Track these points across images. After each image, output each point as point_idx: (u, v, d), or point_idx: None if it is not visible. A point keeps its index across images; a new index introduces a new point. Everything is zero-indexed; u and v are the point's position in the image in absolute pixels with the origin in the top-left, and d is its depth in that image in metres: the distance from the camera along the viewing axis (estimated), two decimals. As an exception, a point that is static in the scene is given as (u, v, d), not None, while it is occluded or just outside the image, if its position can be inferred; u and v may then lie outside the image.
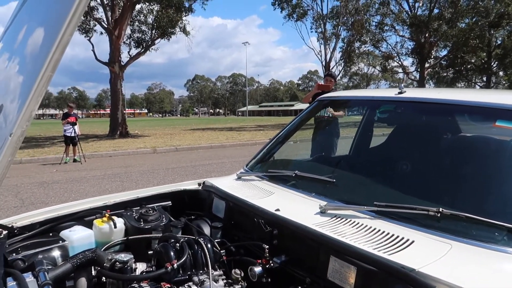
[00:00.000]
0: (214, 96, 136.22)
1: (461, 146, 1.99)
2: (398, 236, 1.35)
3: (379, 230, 1.42)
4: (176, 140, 19.60)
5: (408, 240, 1.32)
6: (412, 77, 32.50)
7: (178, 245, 1.63)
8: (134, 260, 1.59)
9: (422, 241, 1.31)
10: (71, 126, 11.78)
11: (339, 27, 30.96)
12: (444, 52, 31.76)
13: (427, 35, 27.61)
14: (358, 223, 1.50)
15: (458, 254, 1.22)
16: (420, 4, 29.30)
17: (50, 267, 1.48)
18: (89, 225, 1.87)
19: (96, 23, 21.75)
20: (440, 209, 1.38)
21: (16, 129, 0.82)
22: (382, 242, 1.33)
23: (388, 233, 1.38)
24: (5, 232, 1.68)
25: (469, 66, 31.83)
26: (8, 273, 1.33)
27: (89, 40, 22.19)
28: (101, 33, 22.13)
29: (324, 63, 31.52)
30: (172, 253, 1.56)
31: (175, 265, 1.48)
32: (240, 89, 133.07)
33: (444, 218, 1.38)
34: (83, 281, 1.49)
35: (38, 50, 0.84)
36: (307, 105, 4.50)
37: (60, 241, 1.70)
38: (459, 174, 1.71)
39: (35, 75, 0.79)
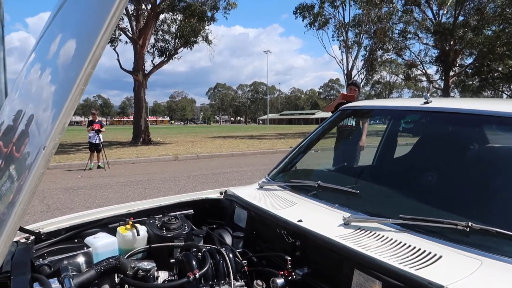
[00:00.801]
0: (235, 104, 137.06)
1: (489, 157, 1.93)
2: (425, 251, 1.31)
3: (405, 244, 1.38)
4: (198, 147, 19.77)
5: (435, 255, 1.28)
6: (437, 86, 31.92)
7: (200, 254, 1.62)
8: (156, 268, 1.59)
9: (451, 257, 1.27)
10: (95, 133, 12.06)
11: (361, 35, 30.79)
12: (469, 60, 31.13)
13: (451, 42, 27.10)
14: (383, 236, 1.46)
15: (489, 271, 1.18)
16: (445, 12, 28.84)
17: (75, 273, 1.51)
18: (113, 232, 1.89)
19: (121, 32, 22.29)
20: (469, 223, 1.33)
21: (49, 142, 0.84)
22: (408, 257, 1.29)
23: (414, 247, 1.35)
24: (32, 237, 1.73)
25: (496, 74, 30.97)
26: (35, 278, 1.35)
27: (114, 49, 22.75)
28: (126, 42, 22.68)
29: (346, 72, 31.34)
30: (194, 263, 1.56)
31: (197, 275, 1.47)
32: (261, 97, 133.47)
33: (473, 233, 1.33)
34: (106, 288, 1.51)
35: (71, 63, 0.86)
36: (329, 113, 4.47)
37: (85, 248, 1.73)
38: (488, 187, 1.66)
39: (68, 89, 0.81)
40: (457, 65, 30.24)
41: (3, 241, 1.00)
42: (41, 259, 1.60)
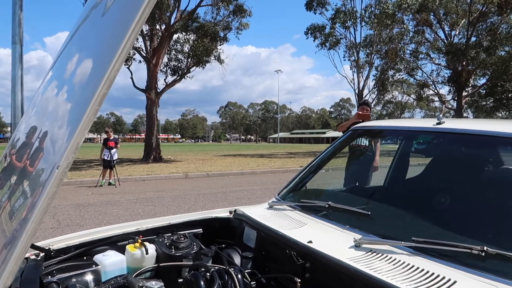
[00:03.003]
0: (246, 123, 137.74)
1: (504, 179, 1.90)
2: (438, 275, 1.28)
3: (417, 268, 1.35)
4: (208, 165, 19.81)
5: (449, 280, 1.25)
6: (449, 106, 31.71)
7: (208, 274, 1.60)
8: (164, 288, 1.58)
9: (465, 282, 1.23)
10: (108, 150, 12.19)
11: (373, 55, 30.92)
12: (483, 81, 30.94)
13: (464, 63, 27.01)
14: (395, 259, 1.43)
15: (506, 298, 1.14)
16: (457, 32, 28.86)
17: (82, 291, 1.50)
18: (122, 250, 1.88)
19: (136, 52, 22.75)
20: (485, 248, 1.30)
21: (63, 161, 0.85)
22: (421, 281, 1.26)
23: (427, 272, 1.31)
24: (42, 254, 1.73)
25: (510, 95, 30.68)
26: (43, 296, 1.35)
27: (128, 68, 23.19)
28: (140, 61, 23.10)
29: (357, 91, 31.37)
30: (202, 283, 1.54)
31: (205, 296, 1.45)
32: (272, 116, 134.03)
33: (489, 258, 1.30)
34: (113, 308, 1.49)
35: (86, 83, 0.88)
36: (340, 133, 4.46)
37: (93, 265, 1.72)
38: (503, 210, 1.62)
39: (83, 110, 0.82)
40: (470, 85, 30.05)
41: (14, 259, 1.00)
42: (50, 276, 1.60)
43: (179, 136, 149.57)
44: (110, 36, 0.89)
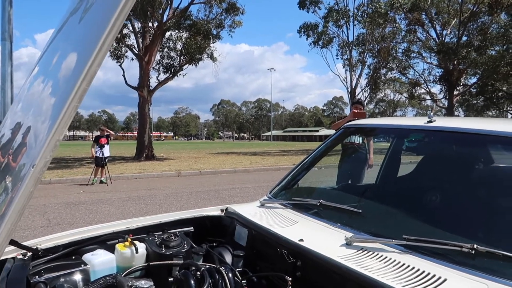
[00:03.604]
0: (239, 121, 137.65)
1: (495, 177, 1.91)
2: (429, 273, 1.28)
3: (408, 266, 1.35)
4: (201, 163, 19.76)
5: (440, 278, 1.25)
6: (441, 105, 31.95)
7: (199, 273, 1.59)
8: (154, 287, 1.56)
9: (455, 280, 1.24)
10: (99, 148, 12.10)
11: (365, 54, 31.01)
12: (473, 80, 31.18)
13: (455, 62, 27.21)
14: (385, 257, 1.43)
15: (495, 296, 1.14)
16: (448, 32, 29.05)
17: (70, 291, 1.48)
18: (111, 249, 1.86)
19: (128, 49, 22.59)
20: (475, 246, 1.30)
21: (40, 160, 0.83)
22: (412, 279, 1.26)
23: (418, 269, 1.31)
24: (29, 254, 1.70)
25: (500, 94, 30.98)
26: (30, 296, 1.33)
27: (120, 65, 23.02)
28: (132, 59, 22.95)
29: (349, 90, 31.45)
30: (192, 282, 1.53)
31: (195, 295, 1.44)
32: (265, 114, 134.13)
33: (479, 256, 1.30)
34: (102, 307, 1.47)
35: (66, 79, 0.85)
36: (333, 131, 4.46)
37: (82, 265, 1.70)
38: (493, 208, 1.63)
39: (61, 106, 0.80)
40: (461, 84, 30.28)
41: None
42: (37, 276, 1.57)
43: (172, 134, 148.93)
44: (91, 30, 0.86)
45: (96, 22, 0.85)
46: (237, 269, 1.80)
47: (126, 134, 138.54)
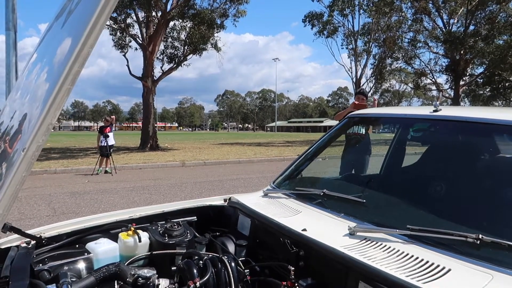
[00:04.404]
0: (243, 111, 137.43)
1: (500, 167, 1.88)
2: (433, 263, 1.27)
3: (412, 256, 1.33)
4: (205, 154, 19.79)
5: (444, 268, 1.24)
6: (446, 95, 31.68)
7: (202, 262, 1.59)
8: (157, 276, 1.56)
9: (460, 270, 1.22)
10: (103, 138, 12.15)
11: (371, 43, 30.74)
12: (480, 70, 30.90)
13: (462, 52, 26.90)
14: (389, 247, 1.42)
15: (500, 286, 1.13)
16: (455, 21, 28.68)
17: (74, 279, 1.48)
18: (115, 238, 1.87)
19: (132, 39, 22.51)
20: (480, 236, 1.29)
21: (31, 144, 0.81)
22: (415, 269, 1.25)
23: (422, 260, 1.30)
24: (33, 242, 1.71)
25: (507, 84, 30.68)
26: (33, 284, 1.33)
27: (124, 55, 22.98)
28: (136, 49, 22.89)
29: (354, 80, 31.28)
30: (195, 271, 1.53)
31: (198, 284, 1.44)
32: (269, 105, 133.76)
33: (484, 246, 1.28)
34: (105, 296, 1.48)
35: (60, 63, 0.83)
36: (337, 122, 4.43)
37: (86, 253, 1.71)
38: (499, 198, 1.61)
39: (52, 88, 0.78)
40: (467, 74, 30.02)
41: None
42: (41, 264, 1.58)
43: (176, 125, 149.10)
44: (83, 11, 0.84)
45: (89, 1, 0.82)
46: (240, 259, 1.79)
47: (131, 125, 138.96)
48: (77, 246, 1.80)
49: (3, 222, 0.92)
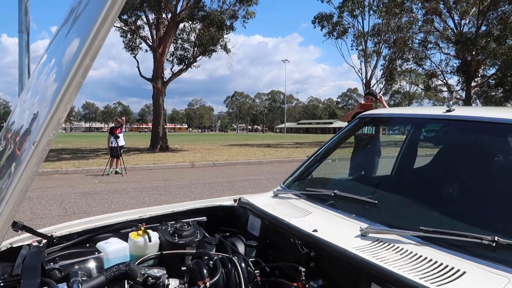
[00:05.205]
0: (252, 113, 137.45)
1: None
2: (447, 266, 1.24)
3: (425, 258, 1.31)
4: (214, 155, 19.83)
5: (458, 270, 1.21)
6: (458, 96, 31.31)
7: (212, 262, 1.58)
8: (167, 276, 1.56)
9: (475, 273, 1.20)
10: (114, 138, 12.25)
11: (381, 44, 30.51)
12: (492, 71, 30.49)
13: (474, 52, 26.58)
14: (402, 249, 1.39)
15: (517, 290, 1.10)
16: (467, 21, 28.36)
17: (84, 278, 1.49)
18: (125, 237, 1.87)
19: (142, 41, 22.68)
20: (496, 238, 1.26)
21: (42, 138, 0.81)
22: (429, 271, 1.22)
23: (435, 262, 1.28)
24: (44, 241, 1.72)
25: (520, 85, 30.21)
26: (44, 282, 1.34)
27: (134, 57, 23.18)
28: (146, 50, 23.07)
29: (364, 81, 31.07)
30: (205, 271, 1.52)
31: (208, 284, 1.43)
32: (279, 106, 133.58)
33: (500, 248, 1.26)
34: (115, 295, 1.48)
35: (71, 57, 0.83)
36: (346, 123, 4.40)
37: (96, 253, 1.71)
38: (514, 200, 1.57)
39: (62, 82, 0.77)
40: (479, 75, 29.65)
41: None
42: (52, 263, 1.58)
43: (186, 126, 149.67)
44: (94, 3, 0.84)
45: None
46: (250, 259, 1.78)
47: (141, 126, 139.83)
48: (87, 245, 1.80)
49: (14, 217, 0.91)
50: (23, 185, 0.85)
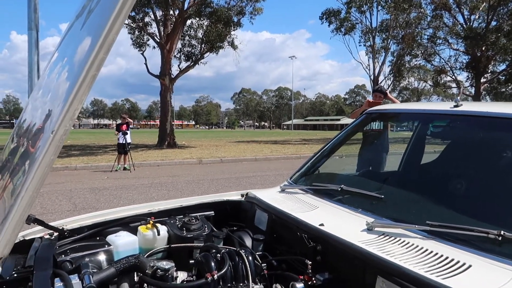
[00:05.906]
0: (259, 109, 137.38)
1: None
2: (453, 259, 1.25)
3: (431, 252, 1.32)
4: (222, 151, 19.88)
5: (464, 264, 1.22)
6: (467, 93, 30.99)
7: (219, 255, 1.61)
8: (175, 268, 1.59)
9: (481, 267, 1.20)
10: (122, 135, 12.34)
11: (389, 40, 30.28)
12: (502, 66, 30.09)
13: (483, 48, 26.27)
14: (408, 243, 1.40)
15: (523, 283, 1.10)
16: (477, 17, 28.03)
17: (95, 270, 1.52)
18: (134, 231, 1.90)
19: (149, 37, 22.76)
20: (502, 232, 1.26)
21: (60, 127, 0.83)
22: (435, 265, 1.23)
23: (441, 255, 1.28)
24: (56, 234, 1.76)
25: (530, 82, 29.81)
26: (56, 274, 1.37)
27: (142, 54, 23.26)
28: (154, 47, 23.12)
29: (372, 77, 30.88)
30: (213, 264, 1.54)
31: (216, 276, 1.45)
32: (286, 103, 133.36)
33: (506, 242, 1.26)
34: (125, 286, 1.51)
35: (85, 50, 0.85)
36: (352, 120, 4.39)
37: (106, 246, 1.74)
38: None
39: (79, 74, 0.80)
40: (489, 71, 29.31)
41: (10, 228, 1.00)
42: (63, 255, 1.62)
43: (193, 123, 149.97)
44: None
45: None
46: (257, 253, 1.80)
47: (149, 123, 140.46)
48: (97, 238, 1.84)
49: (32, 203, 0.94)
50: (42, 173, 0.88)
